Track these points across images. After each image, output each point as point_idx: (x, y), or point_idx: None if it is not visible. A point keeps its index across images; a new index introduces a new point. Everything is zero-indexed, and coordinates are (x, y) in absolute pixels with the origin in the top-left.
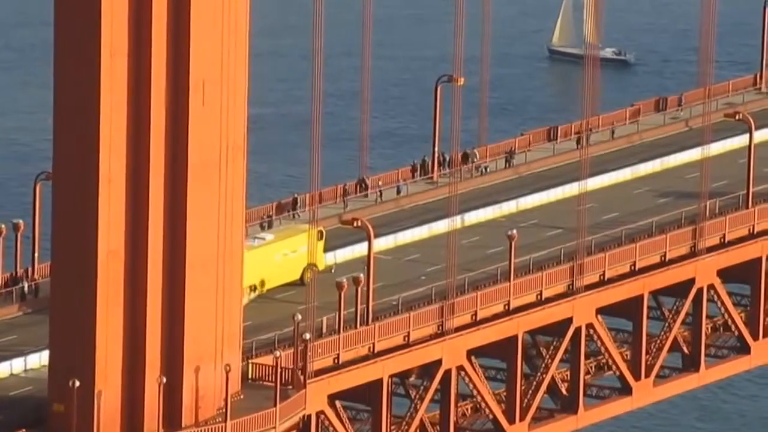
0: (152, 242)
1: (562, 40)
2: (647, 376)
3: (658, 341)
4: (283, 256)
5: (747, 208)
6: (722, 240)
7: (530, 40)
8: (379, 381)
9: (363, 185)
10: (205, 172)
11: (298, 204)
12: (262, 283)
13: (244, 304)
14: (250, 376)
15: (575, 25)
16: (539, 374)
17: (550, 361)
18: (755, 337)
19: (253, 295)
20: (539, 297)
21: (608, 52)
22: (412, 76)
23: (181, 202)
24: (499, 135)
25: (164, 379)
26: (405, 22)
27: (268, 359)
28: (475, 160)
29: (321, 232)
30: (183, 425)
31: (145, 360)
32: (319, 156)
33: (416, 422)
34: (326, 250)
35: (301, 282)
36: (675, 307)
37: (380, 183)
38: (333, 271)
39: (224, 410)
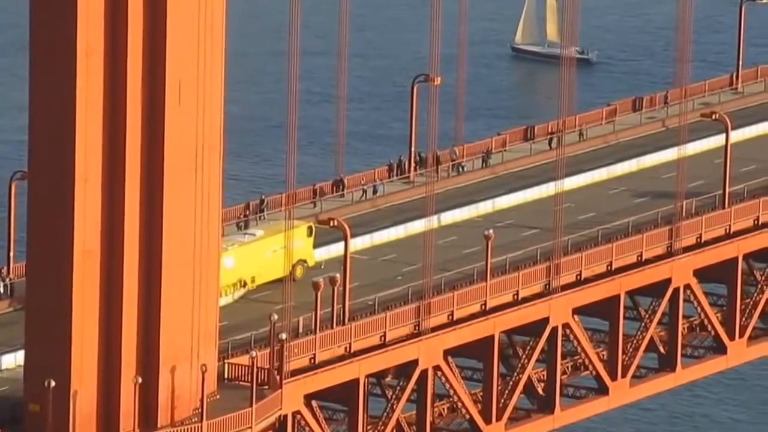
0: (128, 242)
1: (525, 38)
2: (624, 376)
3: (635, 341)
4: (273, 252)
5: (723, 208)
6: (698, 240)
7: (493, 38)
8: (356, 381)
9: (341, 185)
10: (181, 172)
11: (266, 205)
12: (252, 279)
13: (235, 300)
14: (226, 376)
15: (538, 24)
16: (516, 374)
17: (526, 361)
18: (731, 337)
19: (243, 290)
20: (516, 297)
21: (571, 51)
22: (388, 75)
23: (157, 202)
24: (468, 134)
25: (140, 379)
26: (379, 22)
27: (244, 359)
28: (455, 157)
29: (311, 228)
30: (159, 425)
31: (121, 360)
32: (295, 156)
33: (392, 422)
34: (315, 246)
35: (291, 278)
36: (651, 307)
37: (363, 181)
38: (323, 266)
39: (200, 410)
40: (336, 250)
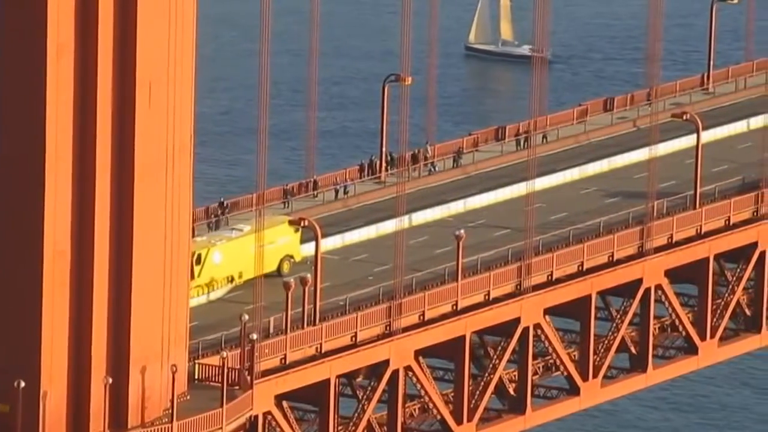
0: (98, 242)
1: (478, 37)
2: (595, 376)
3: (606, 341)
4: (259, 247)
5: (694, 208)
6: (670, 240)
7: (446, 38)
8: (327, 381)
9: (314, 185)
10: (151, 172)
11: (226, 208)
12: (240, 275)
13: (222, 295)
14: (196, 377)
15: (491, 23)
16: (487, 374)
17: (497, 361)
18: (702, 338)
19: (230, 286)
20: (487, 297)
21: (525, 50)
22: (357, 75)
23: (127, 202)
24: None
25: (110, 380)
26: (348, 21)
27: (214, 360)
28: (428, 155)
29: (307, 222)
30: (129, 426)
31: (91, 360)
32: (266, 156)
33: (363, 423)
34: (302, 241)
35: (278, 273)
36: (622, 308)
37: (336, 180)
38: (309, 263)
39: (171, 411)
40: (308, 249)
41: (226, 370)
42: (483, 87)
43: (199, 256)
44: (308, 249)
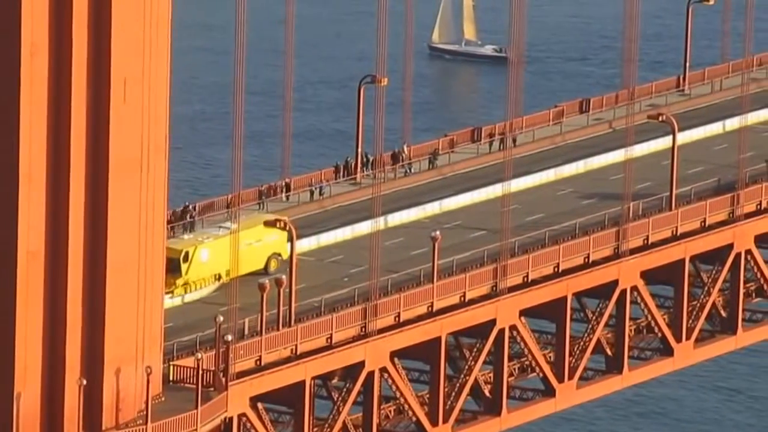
0: (73, 243)
1: (441, 37)
2: (570, 377)
3: (582, 343)
4: (247, 245)
5: (670, 209)
6: (645, 242)
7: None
8: (302, 383)
9: (286, 188)
10: (126, 171)
11: (190, 212)
12: (227, 273)
13: (210, 293)
14: (171, 378)
15: (454, 23)
16: (462, 376)
17: (473, 362)
18: (678, 339)
19: (217, 284)
20: (463, 298)
21: (488, 49)
22: (332, 75)
23: (102, 202)
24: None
25: (84, 381)
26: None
27: (189, 361)
28: (404, 157)
29: (285, 222)
30: (103, 427)
31: (65, 362)
32: (241, 156)
33: (339, 424)
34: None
35: (265, 271)
36: (598, 309)
37: (312, 181)
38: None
39: (145, 412)
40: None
41: (200, 372)
42: (448, 87)
43: (187, 253)
44: (305, 243)
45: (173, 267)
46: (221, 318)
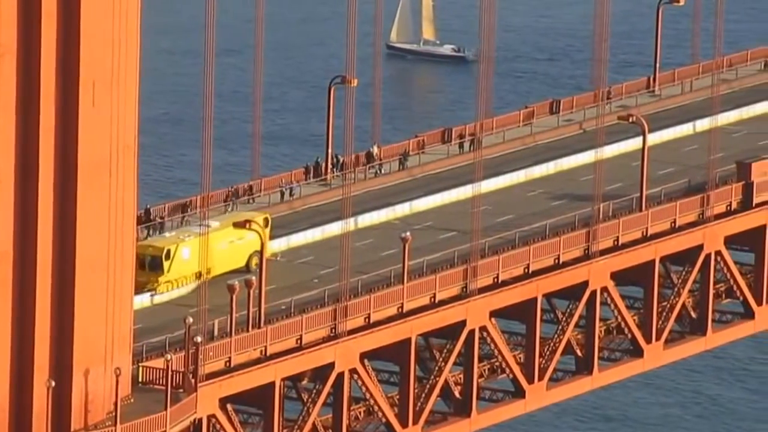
0: (41, 244)
1: (400, 36)
2: (540, 379)
3: (552, 344)
4: (229, 243)
5: (640, 210)
6: (616, 243)
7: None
8: (271, 384)
9: (249, 190)
10: (95, 173)
11: (152, 214)
12: (209, 270)
13: (192, 291)
14: (140, 380)
15: (413, 22)
16: (432, 377)
17: (443, 364)
18: (648, 340)
19: (199, 281)
20: (433, 300)
21: (447, 49)
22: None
23: (70, 203)
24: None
25: (53, 383)
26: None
27: (158, 362)
28: (376, 157)
29: (267, 219)
30: (72, 429)
31: (34, 363)
32: (210, 157)
33: (308, 426)
34: (272, 238)
35: (247, 269)
36: (568, 310)
37: (282, 182)
38: (279, 258)
39: (114, 414)
40: (276, 245)
41: (170, 373)
42: (407, 87)
43: (169, 251)
44: (276, 244)
45: (155, 265)
46: (191, 319)
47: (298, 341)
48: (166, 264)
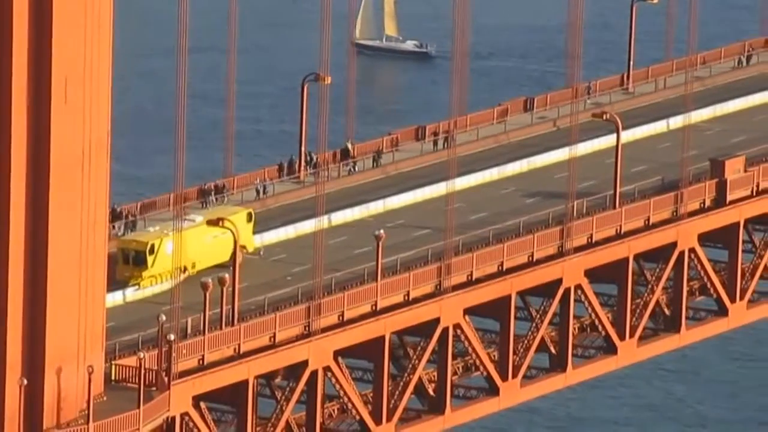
0: (14, 242)
1: (363, 33)
2: (514, 376)
3: (526, 341)
4: (213, 237)
5: (614, 208)
6: (589, 240)
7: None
8: (245, 382)
9: (215, 190)
10: (67, 171)
11: (122, 213)
12: (193, 265)
13: (175, 285)
14: (113, 378)
15: (376, 19)
16: (406, 375)
17: (417, 361)
18: (622, 338)
19: (183, 276)
20: (406, 297)
21: (410, 45)
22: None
23: (43, 201)
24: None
25: (25, 381)
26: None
27: (131, 360)
28: (351, 153)
29: (250, 214)
30: (44, 427)
31: (6, 361)
32: (183, 156)
33: (282, 424)
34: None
35: (231, 263)
36: (542, 308)
37: (256, 180)
38: (262, 253)
39: (87, 412)
40: (259, 239)
41: (143, 371)
42: (372, 83)
43: (152, 246)
44: (259, 239)
45: (139, 259)
46: (164, 317)
47: (272, 339)
48: (149, 259)
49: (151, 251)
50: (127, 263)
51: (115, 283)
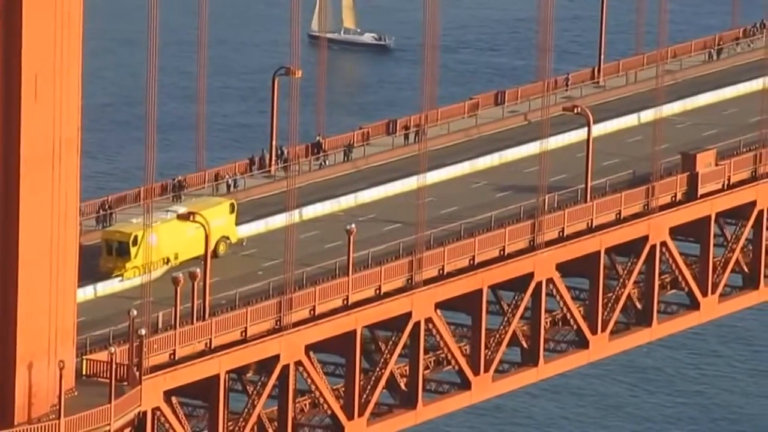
0: None
1: (320, 25)
2: (486, 370)
3: (497, 336)
4: (196, 229)
5: (585, 202)
6: (561, 234)
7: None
8: (216, 377)
9: (177, 186)
10: (38, 167)
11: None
12: (176, 256)
13: (158, 277)
14: (84, 373)
15: (333, 11)
16: (378, 369)
17: (389, 356)
18: (594, 332)
19: (166, 267)
20: (378, 291)
21: (368, 38)
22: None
23: (13, 197)
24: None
25: None
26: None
27: (102, 355)
28: (322, 147)
29: (233, 205)
30: (15, 423)
31: None
32: (155, 149)
33: (253, 418)
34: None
35: (214, 254)
36: (514, 302)
37: (227, 176)
38: (245, 243)
39: (58, 407)
40: (242, 230)
41: (114, 366)
42: (330, 75)
43: (136, 237)
44: (243, 230)
45: (123, 251)
46: (135, 312)
47: (243, 334)
48: (133, 250)
49: (135, 242)
50: (111, 254)
51: (98, 274)
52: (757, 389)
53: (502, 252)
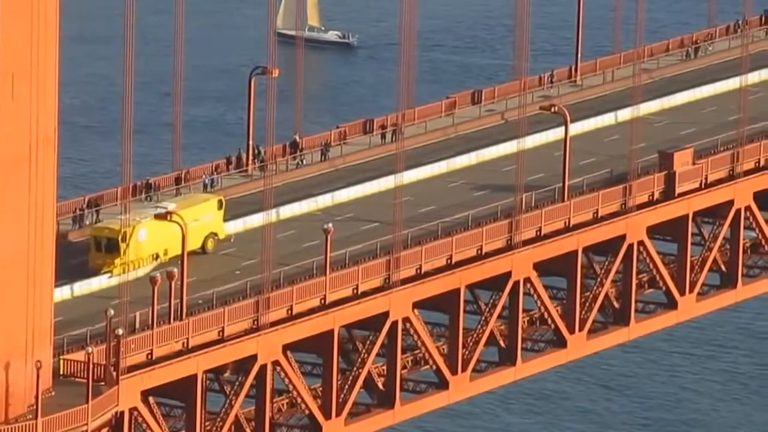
0: None
1: (286, 22)
2: (464, 370)
3: (475, 335)
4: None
5: (563, 201)
6: (538, 233)
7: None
8: (194, 377)
9: (151, 187)
10: (14, 166)
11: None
12: (165, 252)
13: (147, 273)
14: (61, 373)
15: (298, 8)
16: (355, 369)
17: (366, 355)
18: (571, 331)
19: (155, 263)
20: (355, 291)
21: (332, 35)
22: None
23: None
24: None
25: None
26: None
27: (79, 355)
28: (299, 146)
29: (221, 201)
30: None
31: None
32: (131, 149)
33: (231, 418)
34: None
35: (202, 250)
36: (491, 301)
37: (203, 175)
38: (232, 240)
39: (35, 407)
40: (231, 227)
41: (91, 366)
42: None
43: (125, 233)
44: (231, 226)
45: (112, 247)
46: (112, 311)
47: (220, 333)
48: (122, 246)
49: (124, 239)
50: (100, 251)
51: (88, 271)
52: (729, 392)
53: (479, 251)
